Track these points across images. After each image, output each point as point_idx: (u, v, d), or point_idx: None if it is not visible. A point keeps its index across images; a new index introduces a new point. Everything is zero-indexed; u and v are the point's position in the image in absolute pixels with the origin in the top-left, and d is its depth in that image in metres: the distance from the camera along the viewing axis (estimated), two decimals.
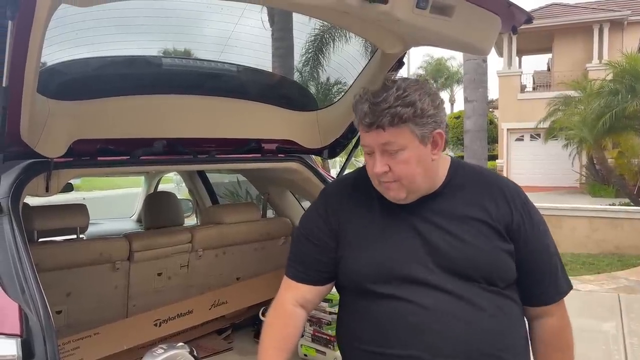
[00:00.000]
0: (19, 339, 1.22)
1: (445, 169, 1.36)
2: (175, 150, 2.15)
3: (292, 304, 1.38)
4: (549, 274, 1.35)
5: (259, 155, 2.40)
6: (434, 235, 1.28)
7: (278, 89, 2.45)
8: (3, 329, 1.24)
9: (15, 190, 1.70)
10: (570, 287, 1.39)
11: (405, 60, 2.09)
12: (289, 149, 2.46)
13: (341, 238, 1.35)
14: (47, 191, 1.86)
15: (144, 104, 2.02)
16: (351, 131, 2.44)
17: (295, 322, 1.38)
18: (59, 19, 1.45)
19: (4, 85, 1.40)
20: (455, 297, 1.25)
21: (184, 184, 6.38)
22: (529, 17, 1.76)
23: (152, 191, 4.58)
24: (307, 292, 1.39)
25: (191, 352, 1.14)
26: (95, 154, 1.96)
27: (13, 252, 1.48)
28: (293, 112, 2.38)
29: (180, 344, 1.15)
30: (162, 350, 1.10)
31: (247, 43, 2.23)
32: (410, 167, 1.25)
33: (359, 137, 2.43)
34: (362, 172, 1.41)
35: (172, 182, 7.39)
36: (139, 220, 4.69)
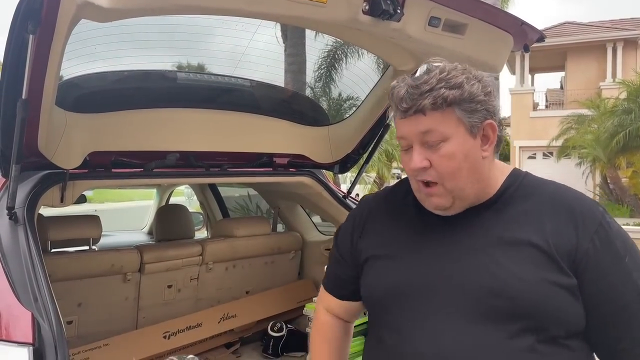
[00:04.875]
0: (32, 348, 1.23)
1: (502, 176, 1.12)
2: (188, 163, 2.18)
3: (324, 313, 1.34)
4: (638, 322, 1.01)
5: (271, 169, 2.42)
6: (471, 260, 1.05)
7: (290, 104, 2.47)
8: (16, 337, 1.25)
9: (31, 201, 1.73)
10: None
11: None
12: (300, 164, 2.47)
13: (363, 253, 1.21)
14: (62, 202, 1.89)
15: (158, 117, 2.05)
16: (362, 146, 2.46)
17: (333, 330, 1.32)
18: (78, 34, 1.48)
19: (23, 97, 1.44)
20: (478, 344, 1.00)
21: (194, 197, 6.42)
22: (541, 36, 1.78)
23: (163, 204, 4.61)
24: (333, 304, 1.31)
25: None
26: (110, 166, 1.99)
27: (27, 261, 1.50)
28: (305, 127, 2.40)
29: (191, 356, 1.15)
30: None
31: (261, 58, 2.26)
32: (456, 163, 1.03)
33: (370, 153, 2.48)
34: (399, 183, 1.28)
35: (184, 196, 7.44)
36: (150, 233, 4.71)
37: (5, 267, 1.46)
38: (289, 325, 2.73)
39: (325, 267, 1.38)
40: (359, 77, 2.39)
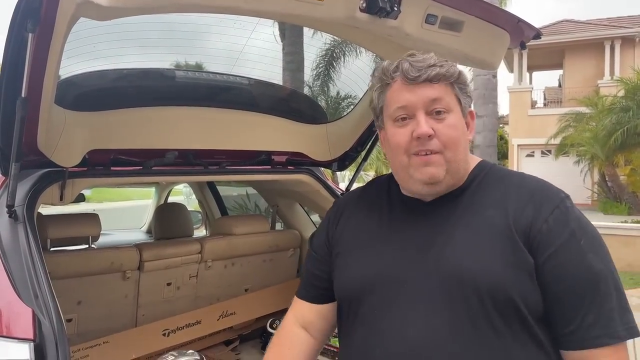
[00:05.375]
0: (32, 344, 1.24)
1: (472, 164, 1.18)
2: (187, 161, 2.18)
3: (292, 323, 1.30)
4: (589, 304, 1.00)
5: (269, 167, 2.43)
6: (439, 249, 1.08)
7: (289, 102, 2.48)
8: (17, 333, 1.26)
9: (30, 199, 1.73)
10: (629, 334, 1.01)
11: None
12: (298, 162, 2.48)
13: (336, 247, 1.24)
14: (62, 200, 1.89)
15: (157, 115, 2.06)
16: (360, 144, 2.47)
17: (292, 343, 1.27)
18: (76, 32, 1.48)
19: (23, 96, 1.44)
20: (444, 331, 1.03)
21: (193, 197, 6.44)
22: (537, 33, 1.78)
23: (162, 203, 4.62)
24: (306, 310, 1.29)
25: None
26: (109, 164, 1.99)
27: (27, 259, 1.51)
28: (303, 124, 2.41)
29: (191, 351, 1.16)
30: (173, 357, 1.12)
31: (258, 57, 2.27)
32: (458, 134, 1.09)
33: (368, 151, 2.48)
34: (372, 181, 1.34)
35: (182, 195, 7.45)
36: (148, 232, 4.72)
37: (5, 265, 1.47)
38: None
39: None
40: (356, 75, 2.39)
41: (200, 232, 4.36)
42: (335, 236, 1.26)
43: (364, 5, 1.34)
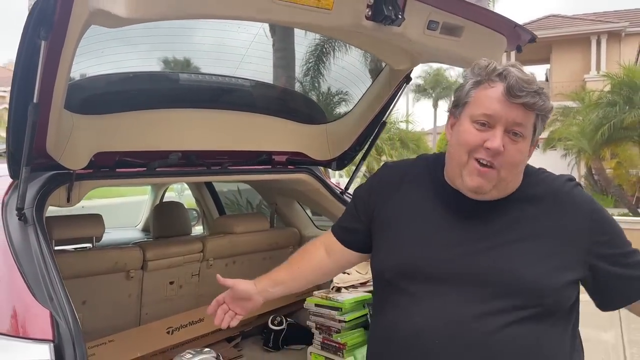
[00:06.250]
0: (52, 344, 1.28)
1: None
2: (190, 162, 2.22)
3: (319, 244, 1.46)
4: None
5: (270, 167, 2.47)
6: (491, 253, 1.15)
7: (289, 103, 2.52)
8: (37, 334, 1.30)
9: (39, 201, 1.76)
10: None
11: (412, 75, 2.18)
12: (298, 161, 2.52)
13: (379, 215, 1.30)
14: (69, 202, 1.92)
15: (161, 117, 2.09)
16: (359, 143, 2.52)
17: (315, 255, 1.44)
18: (85, 38, 1.51)
19: (35, 101, 1.47)
20: (475, 327, 1.11)
21: (185, 193, 6.43)
22: (532, 37, 1.85)
23: (158, 201, 4.64)
24: (335, 244, 1.42)
25: (217, 358, 1.20)
26: (114, 166, 2.02)
27: (40, 261, 1.54)
28: (303, 125, 2.45)
29: (207, 349, 1.21)
30: (190, 355, 1.16)
31: (249, 52, 2.24)
32: (521, 159, 1.17)
33: (367, 150, 2.53)
34: (419, 158, 1.38)
35: (174, 191, 7.44)
36: (144, 230, 4.74)
37: (20, 267, 1.50)
38: (288, 319, 2.78)
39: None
40: (348, 70, 2.42)
41: (195, 229, 4.38)
42: (379, 202, 1.31)
43: (370, 13, 1.39)
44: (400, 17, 1.42)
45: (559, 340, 1.15)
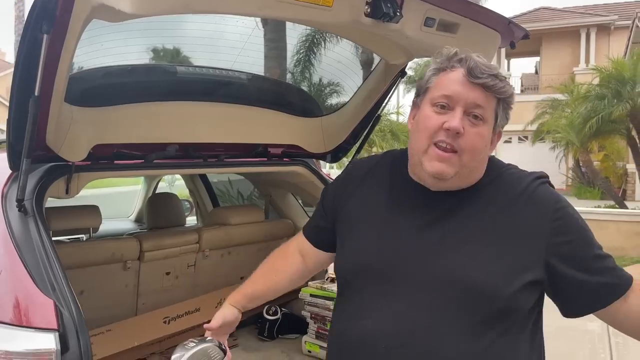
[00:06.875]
0: (57, 333, 1.30)
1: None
2: (187, 155, 2.24)
3: (294, 247, 1.44)
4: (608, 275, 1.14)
5: (266, 159, 2.49)
6: (449, 253, 1.12)
7: (286, 96, 2.54)
8: (42, 324, 1.32)
9: (39, 192, 1.78)
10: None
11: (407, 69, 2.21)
12: (294, 154, 2.55)
13: (341, 211, 1.29)
14: (67, 193, 1.94)
15: (158, 110, 2.10)
16: (354, 137, 2.55)
17: (290, 261, 1.43)
18: (85, 31, 1.52)
19: (36, 94, 1.48)
20: (435, 331, 1.08)
21: (176, 183, 6.42)
22: (526, 34, 1.89)
23: (151, 192, 4.64)
24: (307, 246, 1.41)
25: (219, 346, 1.23)
26: (112, 158, 2.04)
27: (41, 252, 1.56)
28: (299, 118, 2.47)
29: (209, 337, 1.24)
30: (194, 344, 1.19)
31: (240, 44, 2.24)
32: (482, 144, 1.13)
33: (361, 143, 2.56)
34: (387, 154, 1.36)
35: (165, 182, 7.43)
36: (137, 220, 4.74)
37: (22, 258, 1.52)
38: (283, 309, 2.83)
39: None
40: (339, 62, 2.44)
41: (187, 220, 4.39)
42: (342, 199, 1.30)
43: (369, 10, 1.42)
44: (398, 14, 1.45)
45: (512, 347, 1.10)
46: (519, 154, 19.84)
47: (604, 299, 1.13)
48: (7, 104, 1.58)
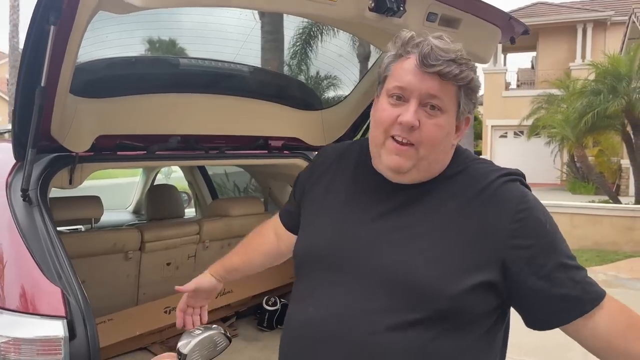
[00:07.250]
0: (65, 320, 1.33)
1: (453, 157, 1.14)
2: (189, 146, 2.25)
3: (271, 227, 1.47)
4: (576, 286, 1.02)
5: (266, 151, 2.51)
6: (394, 248, 1.06)
7: (286, 89, 2.56)
8: (50, 311, 1.35)
9: (43, 182, 1.79)
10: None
11: None
12: (294, 146, 2.57)
13: (305, 198, 1.28)
14: (71, 183, 1.95)
15: (161, 102, 2.12)
16: (354, 130, 2.57)
17: (265, 239, 1.47)
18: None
19: (42, 85, 1.50)
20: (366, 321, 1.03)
21: (172, 175, 6.42)
22: (526, 29, 1.91)
23: (149, 183, 4.66)
24: (280, 227, 1.43)
25: (225, 333, 1.26)
26: (115, 149, 2.06)
27: (47, 241, 1.58)
28: (299, 111, 2.50)
29: (215, 325, 1.26)
30: (200, 331, 1.21)
31: (237, 35, 2.24)
32: (441, 136, 1.06)
33: (362, 135, 2.59)
34: (354, 143, 1.32)
35: (161, 174, 7.43)
36: (135, 212, 4.76)
37: (28, 247, 1.54)
38: (282, 300, 2.86)
39: None
40: (336, 54, 2.45)
41: (186, 212, 4.41)
42: (308, 185, 1.29)
43: (373, 5, 1.43)
44: (402, 8, 1.46)
45: (457, 348, 1.02)
46: (515, 149, 19.95)
47: (564, 315, 1.02)
48: (2, 95, 1.60)
